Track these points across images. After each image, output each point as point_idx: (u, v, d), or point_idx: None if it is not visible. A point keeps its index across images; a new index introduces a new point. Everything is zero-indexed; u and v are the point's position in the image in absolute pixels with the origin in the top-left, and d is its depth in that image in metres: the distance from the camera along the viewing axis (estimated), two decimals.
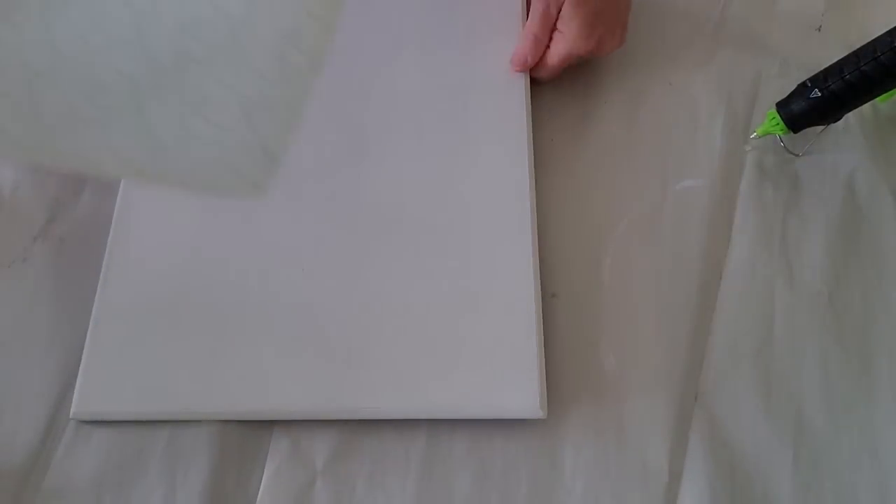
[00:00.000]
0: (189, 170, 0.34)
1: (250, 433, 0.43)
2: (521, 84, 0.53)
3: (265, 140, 0.34)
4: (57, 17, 0.33)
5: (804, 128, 0.51)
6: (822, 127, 0.51)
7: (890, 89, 0.48)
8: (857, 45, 0.48)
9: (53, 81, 0.33)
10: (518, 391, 0.44)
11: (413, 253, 0.47)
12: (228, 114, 0.33)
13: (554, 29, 0.52)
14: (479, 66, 0.54)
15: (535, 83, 0.54)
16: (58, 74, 0.33)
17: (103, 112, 0.33)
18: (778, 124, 0.51)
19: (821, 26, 0.59)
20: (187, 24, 0.34)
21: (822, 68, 0.49)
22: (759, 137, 0.53)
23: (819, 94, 0.48)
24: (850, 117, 0.53)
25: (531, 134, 0.52)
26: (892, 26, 0.46)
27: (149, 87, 0.33)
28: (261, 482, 0.42)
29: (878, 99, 0.50)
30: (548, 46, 0.52)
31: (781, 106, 0.51)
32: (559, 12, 0.51)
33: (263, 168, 0.34)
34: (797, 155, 0.53)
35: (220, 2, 0.34)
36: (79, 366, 0.43)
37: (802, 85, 0.50)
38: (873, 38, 0.47)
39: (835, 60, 0.49)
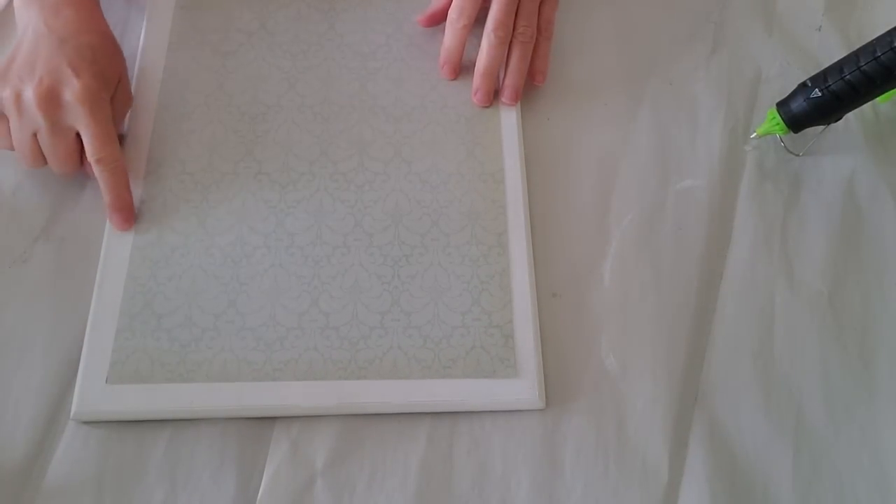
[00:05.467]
0: None
1: (250, 433, 0.43)
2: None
3: None
4: None
5: (804, 128, 0.51)
6: (822, 127, 0.51)
7: (890, 89, 0.48)
8: (857, 45, 0.48)
9: None
10: (517, 383, 0.44)
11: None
12: None
13: None
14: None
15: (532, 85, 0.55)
16: None
17: None
18: (778, 124, 0.51)
19: (821, 26, 0.59)
20: None
21: (822, 68, 0.49)
22: (760, 137, 0.53)
23: (819, 94, 0.48)
24: (850, 117, 0.53)
25: (522, 134, 0.53)
26: (892, 26, 0.46)
27: None
28: (261, 482, 0.42)
29: (878, 99, 0.50)
30: None
31: (782, 106, 0.51)
32: None
33: None
34: (797, 155, 0.53)
35: None
36: (79, 366, 0.43)
37: (802, 85, 0.50)
38: (873, 38, 0.47)
39: (835, 60, 0.49)
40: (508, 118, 0.53)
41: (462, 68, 0.54)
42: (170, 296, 0.45)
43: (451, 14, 0.53)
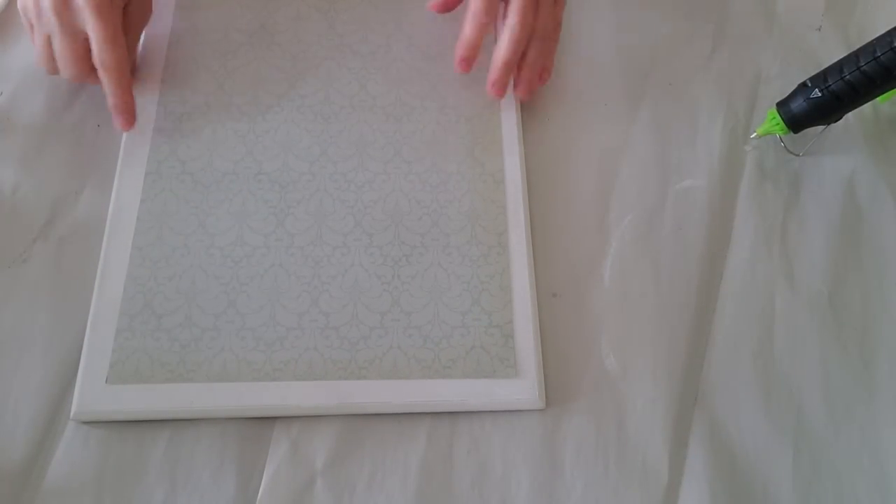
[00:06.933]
0: None
1: (250, 433, 0.43)
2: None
3: None
4: None
5: (805, 128, 0.51)
6: (822, 127, 0.51)
7: (890, 89, 0.48)
8: (857, 45, 0.48)
9: None
10: (517, 383, 0.44)
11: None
12: None
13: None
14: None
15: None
16: None
17: None
18: (778, 124, 0.51)
19: (821, 26, 0.59)
20: None
21: (822, 68, 0.49)
22: (760, 137, 0.53)
23: (819, 94, 0.48)
24: (850, 117, 0.53)
25: (522, 134, 0.53)
26: (892, 26, 0.46)
27: None
28: (261, 482, 0.42)
29: (878, 99, 0.50)
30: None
31: (782, 106, 0.51)
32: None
33: None
34: (797, 155, 0.53)
35: None
36: (79, 366, 0.43)
37: (802, 85, 0.50)
38: (873, 38, 0.47)
39: (835, 60, 0.49)
40: (508, 118, 0.53)
41: (450, 69, 0.54)
42: (170, 296, 0.45)
43: (477, 7, 0.51)
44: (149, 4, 0.53)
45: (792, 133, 0.51)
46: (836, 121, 0.51)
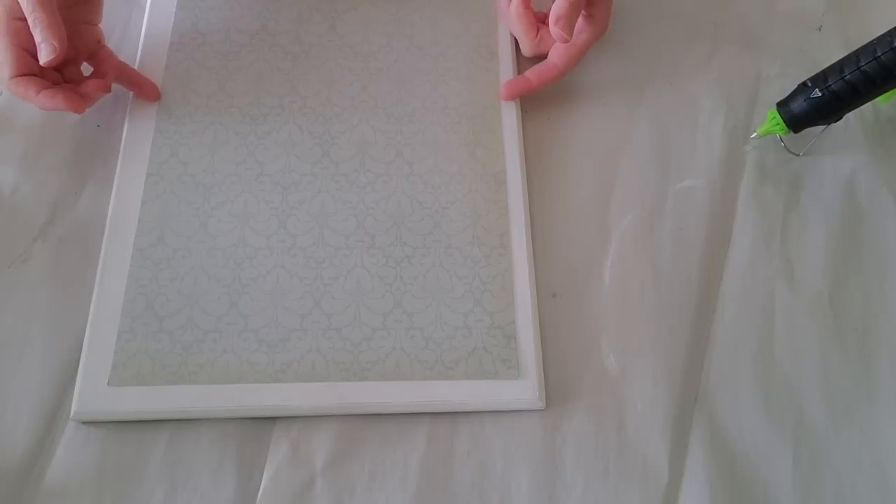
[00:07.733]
0: None
1: (250, 433, 0.43)
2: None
3: None
4: None
5: (805, 128, 0.51)
6: (822, 127, 0.51)
7: (890, 89, 0.48)
8: (858, 45, 0.48)
9: None
10: (517, 383, 0.44)
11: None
12: None
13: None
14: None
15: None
16: None
17: None
18: (778, 124, 0.51)
19: (821, 26, 0.59)
20: None
21: (822, 68, 0.49)
22: (760, 137, 0.53)
23: (819, 94, 0.48)
24: (851, 117, 0.53)
25: (523, 134, 0.53)
26: (892, 26, 0.46)
27: None
28: (261, 482, 0.42)
29: (878, 99, 0.50)
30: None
31: (782, 106, 0.51)
32: None
33: None
34: (798, 155, 0.53)
35: None
36: (79, 366, 0.43)
37: (803, 85, 0.50)
38: (874, 37, 0.47)
39: (835, 60, 0.49)
40: (509, 118, 0.53)
41: (452, 70, 0.54)
42: (171, 297, 0.45)
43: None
44: None
45: (792, 133, 0.51)
46: (836, 121, 0.51)
